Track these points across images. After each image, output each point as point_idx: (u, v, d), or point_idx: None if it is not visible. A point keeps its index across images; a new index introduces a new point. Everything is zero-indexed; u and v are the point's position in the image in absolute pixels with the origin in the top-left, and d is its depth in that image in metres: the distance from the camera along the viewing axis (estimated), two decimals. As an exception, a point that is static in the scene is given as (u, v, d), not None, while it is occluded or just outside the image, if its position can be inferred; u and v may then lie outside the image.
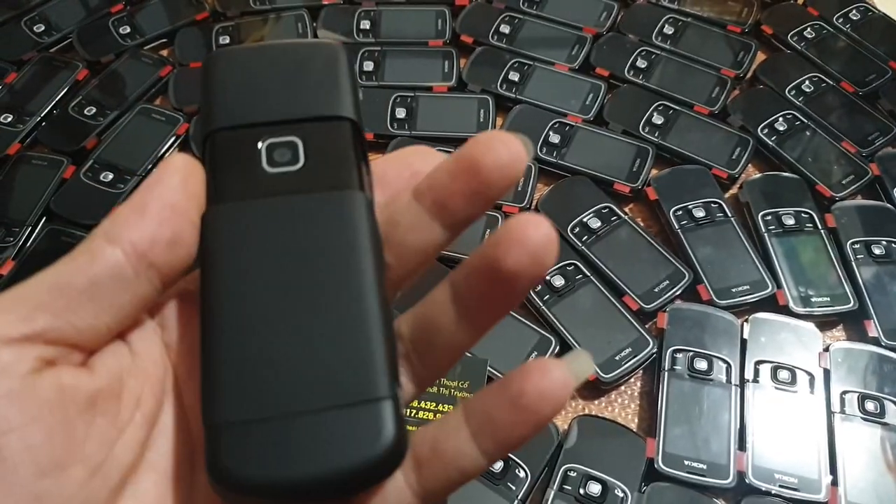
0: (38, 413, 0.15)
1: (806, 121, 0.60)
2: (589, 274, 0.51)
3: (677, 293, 0.50)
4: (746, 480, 0.43)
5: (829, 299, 0.51)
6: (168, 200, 0.17)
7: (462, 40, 0.66)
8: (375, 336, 0.17)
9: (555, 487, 0.42)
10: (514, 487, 0.42)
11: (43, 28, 0.66)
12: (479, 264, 0.17)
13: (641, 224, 0.55)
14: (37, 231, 0.53)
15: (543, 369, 0.17)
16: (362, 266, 0.17)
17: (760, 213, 0.54)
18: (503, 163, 0.17)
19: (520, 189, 0.55)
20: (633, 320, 0.49)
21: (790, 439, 0.45)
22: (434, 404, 0.44)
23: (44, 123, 0.60)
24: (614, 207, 0.54)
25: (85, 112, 0.60)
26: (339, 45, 0.20)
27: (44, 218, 0.54)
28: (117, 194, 0.55)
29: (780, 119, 0.60)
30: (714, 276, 0.51)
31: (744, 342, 0.48)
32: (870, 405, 0.46)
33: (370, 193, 0.19)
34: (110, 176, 0.56)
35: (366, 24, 0.66)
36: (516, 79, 0.62)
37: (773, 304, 0.51)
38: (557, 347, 0.48)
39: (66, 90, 0.61)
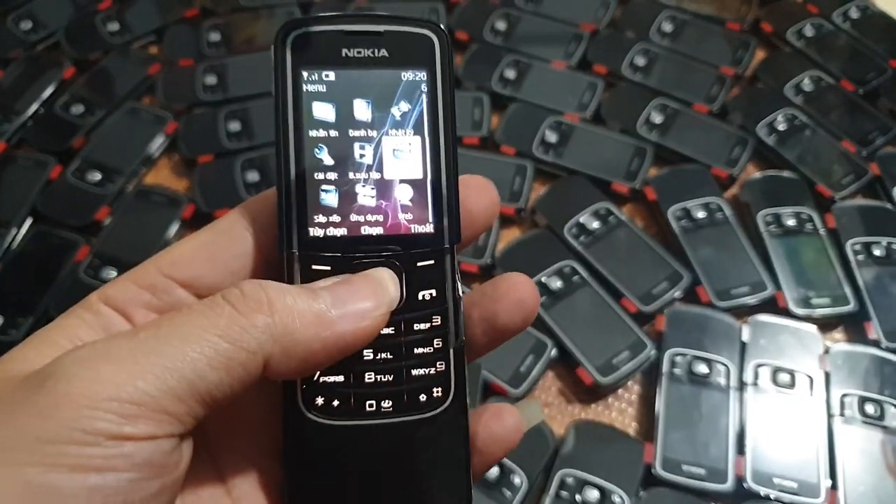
0: None
1: (805, 119, 0.60)
2: (586, 276, 0.50)
3: (676, 295, 0.50)
4: (745, 485, 0.43)
5: (829, 301, 0.50)
6: None
7: (457, 37, 0.65)
8: None
9: (551, 494, 0.42)
10: (509, 493, 0.42)
11: (30, 25, 0.64)
12: (482, 315, 0.22)
13: (639, 224, 0.54)
14: (23, 232, 0.52)
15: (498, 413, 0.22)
16: None
17: (760, 214, 0.54)
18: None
19: (515, 189, 0.55)
20: (631, 323, 0.48)
21: (789, 443, 0.44)
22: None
23: (30, 122, 0.59)
24: (612, 208, 0.54)
25: (72, 111, 0.58)
26: None
27: (30, 218, 0.53)
28: (104, 194, 0.54)
29: (780, 118, 0.59)
30: (713, 277, 0.51)
31: (743, 345, 0.48)
32: (870, 408, 0.45)
33: None
34: (98, 176, 0.55)
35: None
36: (512, 76, 0.61)
37: (772, 306, 0.50)
38: (553, 351, 0.47)
39: (52, 89, 0.60)
